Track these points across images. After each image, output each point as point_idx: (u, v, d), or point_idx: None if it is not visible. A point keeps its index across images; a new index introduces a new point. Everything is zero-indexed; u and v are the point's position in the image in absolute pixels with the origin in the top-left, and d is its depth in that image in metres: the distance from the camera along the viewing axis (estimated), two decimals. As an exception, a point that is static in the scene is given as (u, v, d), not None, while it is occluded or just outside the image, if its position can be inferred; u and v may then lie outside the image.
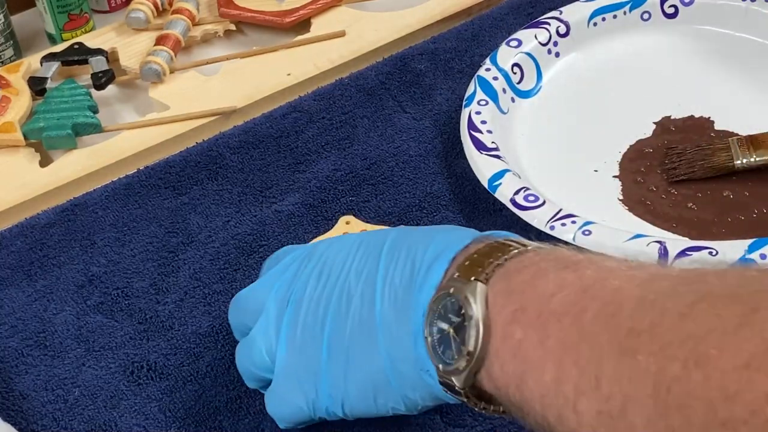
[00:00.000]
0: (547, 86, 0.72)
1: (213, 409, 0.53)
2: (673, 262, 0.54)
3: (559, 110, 0.70)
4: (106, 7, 0.88)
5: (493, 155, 0.63)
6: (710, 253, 0.54)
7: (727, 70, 0.71)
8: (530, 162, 0.66)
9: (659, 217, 0.61)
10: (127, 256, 0.63)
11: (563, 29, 0.73)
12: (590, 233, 0.57)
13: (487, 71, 0.70)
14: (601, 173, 0.65)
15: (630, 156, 0.66)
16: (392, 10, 0.82)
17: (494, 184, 0.61)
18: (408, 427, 0.51)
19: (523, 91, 0.71)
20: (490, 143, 0.64)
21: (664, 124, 0.68)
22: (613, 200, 0.63)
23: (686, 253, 0.55)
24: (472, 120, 0.66)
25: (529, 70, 0.71)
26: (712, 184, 0.63)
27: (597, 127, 0.69)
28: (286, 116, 0.72)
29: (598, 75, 0.73)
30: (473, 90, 0.68)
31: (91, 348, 0.57)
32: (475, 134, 0.65)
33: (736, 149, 0.63)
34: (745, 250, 0.54)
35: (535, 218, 0.59)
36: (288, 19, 0.81)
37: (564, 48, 0.73)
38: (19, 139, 0.71)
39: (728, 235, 0.59)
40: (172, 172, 0.68)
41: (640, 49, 0.74)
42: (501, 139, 0.65)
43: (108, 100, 0.77)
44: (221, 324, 0.58)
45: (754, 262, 0.54)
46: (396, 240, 0.46)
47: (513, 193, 0.60)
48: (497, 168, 0.62)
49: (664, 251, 0.55)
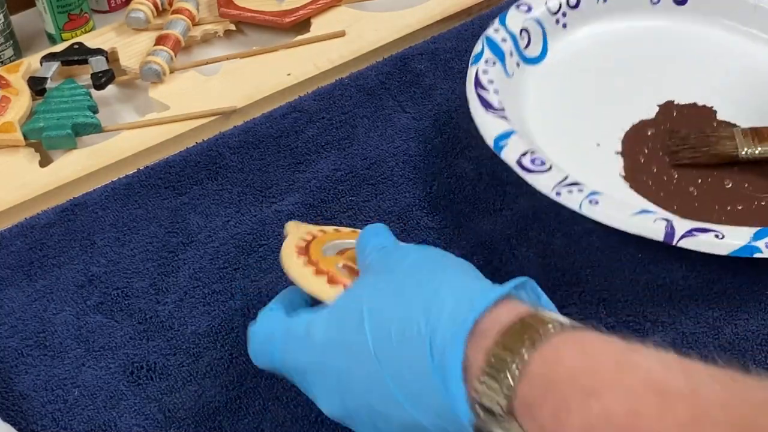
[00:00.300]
0: (553, 57, 0.71)
1: (213, 409, 0.53)
2: (679, 242, 0.54)
3: (564, 82, 0.70)
4: (106, 7, 0.88)
5: (500, 116, 0.62)
6: (716, 236, 0.54)
7: (732, 62, 0.72)
8: (534, 128, 0.65)
9: (661, 198, 0.61)
10: (127, 256, 0.63)
11: (573, 1, 0.72)
12: (597, 203, 0.55)
13: (495, 32, 0.69)
14: (604, 148, 0.65)
15: (632, 135, 0.66)
16: (392, 10, 0.82)
17: (500, 144, 0.60)
18: (408, 427, 0.51)
19: (529, 57, 0.70)
20: (497, 102, 0.63)
21: (668, 108, 0.68)
22: (615, 176, 0.63)
23: (693, 234, 0.54)
24: (479, 78, 0.64)
25: (536, 37, 0.71)
26: (713, 172, 0.63)
27: (600, 102, 0.69)
28: (286, 116, 0.72)
29: (603, 52, 0.72)
30: (481, 49, 0.67)
31: (91, 348, 0.57)
32: (482, 93, 0.63)
33: (741, 139, 0.63)
34: (750, 237, 0.54)
35: (540, 182, 0.57)
36: (288, 19, 0.81)
37: (572, 20, 0.73)
38: (18, 139, 0.71)
39: (729, 222, 0.59)
40: (172, 172, 0.68)
41: (647, 32, 0.74)
42: (507, 101, 0.64)
43: (108, 100, 0.77)
44: (221, 324, 0.58)
45: (758, 249, 0.53)
46: (381, 306, 0.43)
47: (520, 155, 0.59)
48: (504, 128, 0.61)
49: (671, 229, 0.54)
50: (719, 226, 0.55)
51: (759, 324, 0.56)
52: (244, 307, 0.59)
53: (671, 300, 0.57)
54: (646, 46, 0.73)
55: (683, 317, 0.56)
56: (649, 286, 0.58)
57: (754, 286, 0.58)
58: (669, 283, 0.58)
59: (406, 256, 0.46)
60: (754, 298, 0.57)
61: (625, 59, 0.72)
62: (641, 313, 0.57)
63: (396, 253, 0.47)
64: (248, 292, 0.60)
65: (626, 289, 0.58)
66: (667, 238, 0.54)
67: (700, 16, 0.74)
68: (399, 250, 0.47)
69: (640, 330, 0.56)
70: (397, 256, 0.46)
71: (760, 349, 0.55)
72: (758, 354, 0.54)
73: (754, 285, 0.58)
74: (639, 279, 0.59)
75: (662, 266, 0.59)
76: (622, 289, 0.58)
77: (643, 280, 0.59)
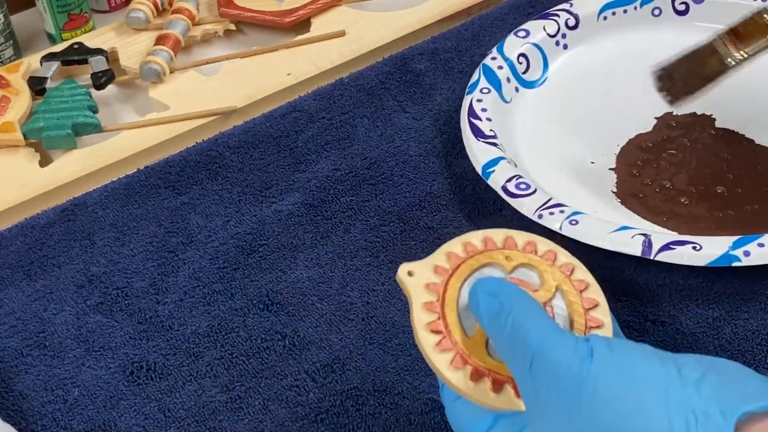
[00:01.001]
0: (553, 77, 0.72)
1: (213, 409, 0.53)
2: (657, 255, 0.55)
3: (563, 102, 0.71)
4: (106, 7, 0.88)
5: (490, 143, 0.64)
6: (694, 247, 0.55)
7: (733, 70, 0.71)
8: (528, 151, 0.66)
9: (651, 210, 0.62)
10: (127, 256, 0.63)
11: (573, 22, 0.73)
12: (577, 223, 0.57)
13: (492, 60, 0.70)
14: (598, 165, 0.66)
15: (628, 149, 0.66)
16: (392, 10, 0.82)
17: (488, 171, 0.62)
18: (409, 427, 0.51)
19: (528, 81, 0.71)
20: (488, 131, 0.65)
21: (666, 120, 0.68)
22: (607, 192, 0.63)
23: (670, 247, 0.55)
24: (473, 107, 0.66)
25: (536, 61, 0.71)
26: (706, 180, 0.63)
27: (598, 119, 0.69)
28: (286, 116, 0.72)
29: (604, 69, 0.73)
30: (477, 78, 0.69)
31: (91, 348, 0.57)
32: (475, 121, 0.65)
33: (724, 49, 0.61)
34: (729, 246, 0.55)
35: (524, 206, 0.59)
36: (288, 19, 0.81)
37: (572, 40, 0.73)
38: (18, 139, 0.71)
39: (716, 230, 0.60)
40: (172, 172, 0.68)
41: (649, 46, 0.74)
42: (501, 128, 0.66)
43: (108, 100, 0.77)
44: (221, 324, 0.58)
45: (737, 258, 0.54)
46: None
47: (505, 181, 0.61)
48: (492, 155, 0.63)
49: (648, 244, 0.55)
50: (698, 238, 0.56)
51: (759, 324, 0.56)
52: (244, 307, 0.59)
53: (671, 300, 0.57)
54: (647, 59, 0.72)
55: (683, 317, 0.56)
56: (649, 286, 0.58)
57: (754, 286, 0.58)
58: (669, 283, 0.58)
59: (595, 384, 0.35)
60: (754, 298, 0.57)
61: (626, 73, 0.72)
62: (641, 313, 0.57)
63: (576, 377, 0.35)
64: (248, 292, 0.60)
65: (626, 289, 0.58)
66: (645, 253, 0.55)
67: (702, 26, 0.74)
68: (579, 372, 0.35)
69: (640, 330, 0.56)
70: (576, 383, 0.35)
71: (760, 349, 0.54)
72: (758, 354, 0.54)
73: (754, 285, 0.58)
74: (639, 279, 0.59)
75: (662, 266, 0.59)
76: (622, 289, 0.58)
77: (643, 280, 0.59)
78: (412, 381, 0.53)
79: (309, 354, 0.55)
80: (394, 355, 0.55)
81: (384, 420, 0.52)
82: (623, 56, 0.73)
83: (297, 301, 0.59)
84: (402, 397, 0.53)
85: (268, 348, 0.56)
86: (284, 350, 0.56)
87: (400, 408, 0.52)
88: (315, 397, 0.53)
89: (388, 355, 0.55)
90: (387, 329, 0.56)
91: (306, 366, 0.55)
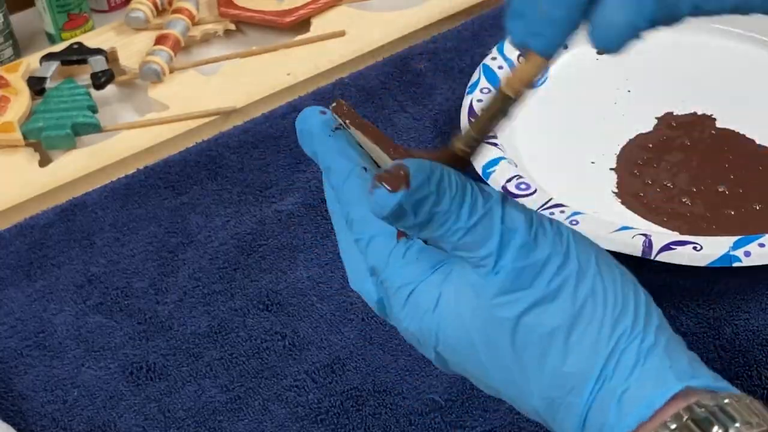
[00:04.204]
0: (554, 77, 0.72)
1: (213, 409, 0.53)
2: (657, 256, 0.55)
3: (564, 101, 0.71)
4: (106, 7, 0.88)
5: (490, 143, 0.64)
6: (695, 248, 0.55)
7: (733, 69, 0.72)
8: (529, 151, 0.66)
9: (651, 210, 0.62)
10: (127, 256, 0.63)
11: None
12: (577, 223, 0.57)
13: (492, 60, 0.70)
14: (598, 165, 0.66)
15: (629, 149, 0.66)
16: (392, 10, 0.82)
17: (488, 171, 0.62)
18: (409, 427, 0.51)
19: None
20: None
21: (666, 120, 0.68)
22: (607, 192, 0.63)
23: (670, 247, 0.55)
24: (473, 107, 0.67)
25: None
26: (707, 180, 0.63)
27: (599, 119, 0.69)
28: (286, 116, 0.72)
29: (605, 68, 0.73)
30: (477, 78, 0.69)
31: (91, 348, 0.57)
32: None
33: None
34: (730, 246, 0.55)
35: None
36: (288, 18, 0.81)
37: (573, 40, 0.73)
38: (18, 139, 0.71)
39: (717, 231, 0.60)
40: (172, 172, 0.68)
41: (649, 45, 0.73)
42: (501, 128, 0.66)
43: (107, 100, 0.77)
44: (220, 324, 0.58)
45: (737, 259, 0.54)
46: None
47: (505, 181, 0.61)
48: (492, 155, 0.63)
49: (649, 244, 0.55)
50: (698, 238, 0.56)
51: (759, 324, 0.56)
52: (244, 307, 0.59)
53: (671, 300, 0.57)
54: (647, 59, 0.73)
55: (683, 317, 0.56)
56: (649, 286, 0.58)
57: (754, 286, 0.58)
58: (669, 283, 0.58)
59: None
60: (754, 298, 0.57)
61: (627, 73, 0.72)
62: (641, 313, 0.57)
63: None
64: (248, 292, 0.59)
65: (626, 289, 0.58)
66: (645, 254, 0.55)
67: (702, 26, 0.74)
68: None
69: (640, 330, 0.56)
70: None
71: (760, 349, 0.54)
72: (758, 354, 0.54)
73: (754, 285, 0.58)
74: (639, 279, 0.59)
75: (662, 266, 0.59)
76: (622, 289, 0.58)
77: (643, 280, 0.59)
78: (412, 381, 0.53)
79: (309, 354, 0.55)
80: (394, 355, 0.55)
81: (384, 420, 0.52)
82: (623, 56, 0.73)
83: (297, 301, 0.58)
84: (402, 397, 0.53)
85: (268, 348, 0.56)
86: (284, 350, 0.56)
87: (400, 408, 0.52)
88: (315, 397, 0.53)
89: (388, 355, 0.55)
90: (387, 329, 0.56)
91: (306, 366, 0.55)
